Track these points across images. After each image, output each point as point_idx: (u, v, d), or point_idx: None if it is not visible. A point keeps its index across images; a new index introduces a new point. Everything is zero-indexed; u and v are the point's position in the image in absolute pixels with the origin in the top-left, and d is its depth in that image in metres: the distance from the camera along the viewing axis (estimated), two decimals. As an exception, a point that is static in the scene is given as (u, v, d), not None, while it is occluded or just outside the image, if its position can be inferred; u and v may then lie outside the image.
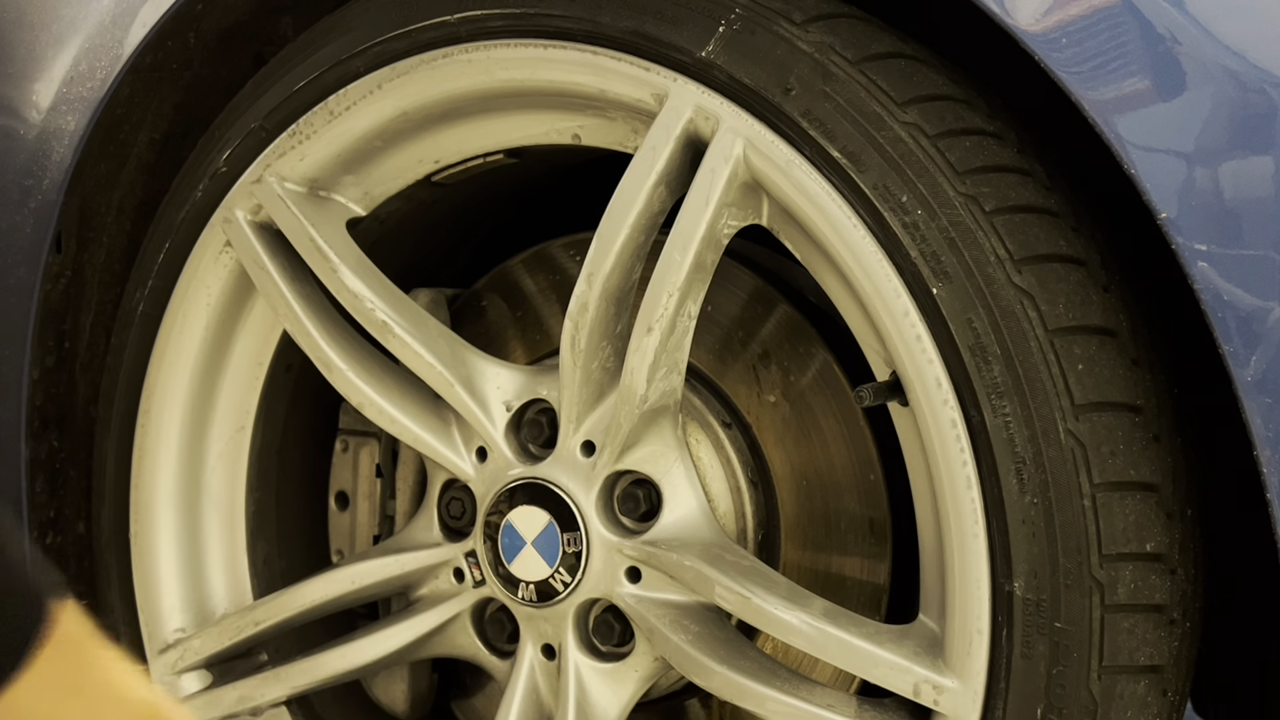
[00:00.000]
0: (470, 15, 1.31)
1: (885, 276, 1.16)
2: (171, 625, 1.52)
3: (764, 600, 1.24)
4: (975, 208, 1.14)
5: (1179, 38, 1.06)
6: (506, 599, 1.37)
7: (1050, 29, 1.09)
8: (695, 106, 1.22)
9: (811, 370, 1.39)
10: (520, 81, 1.31)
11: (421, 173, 1.43)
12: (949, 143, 1.16)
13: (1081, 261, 1.16)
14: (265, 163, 1.42)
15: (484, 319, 1.56)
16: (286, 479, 1.58)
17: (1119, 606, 1.12)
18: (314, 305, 1.43)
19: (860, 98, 1.17)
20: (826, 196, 1.18)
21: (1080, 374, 1.12)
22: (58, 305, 1.56)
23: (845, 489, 1.38)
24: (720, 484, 1.39)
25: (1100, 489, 1.11)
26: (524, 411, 1.38)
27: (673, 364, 1.27)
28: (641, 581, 1.31)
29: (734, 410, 1.41)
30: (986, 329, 1.13)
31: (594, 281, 1.27)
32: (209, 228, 1.46)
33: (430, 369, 1.38)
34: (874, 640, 1.20)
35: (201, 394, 1.52)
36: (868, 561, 1.38)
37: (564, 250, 1.53)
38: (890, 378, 1.20)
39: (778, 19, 1.20)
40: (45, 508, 1.59)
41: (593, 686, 1.34)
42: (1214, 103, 1.06)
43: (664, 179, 1.24)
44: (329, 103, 1.39)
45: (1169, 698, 1.17)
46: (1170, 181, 1.06)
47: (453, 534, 1.44)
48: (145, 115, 1.54)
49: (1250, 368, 1.05)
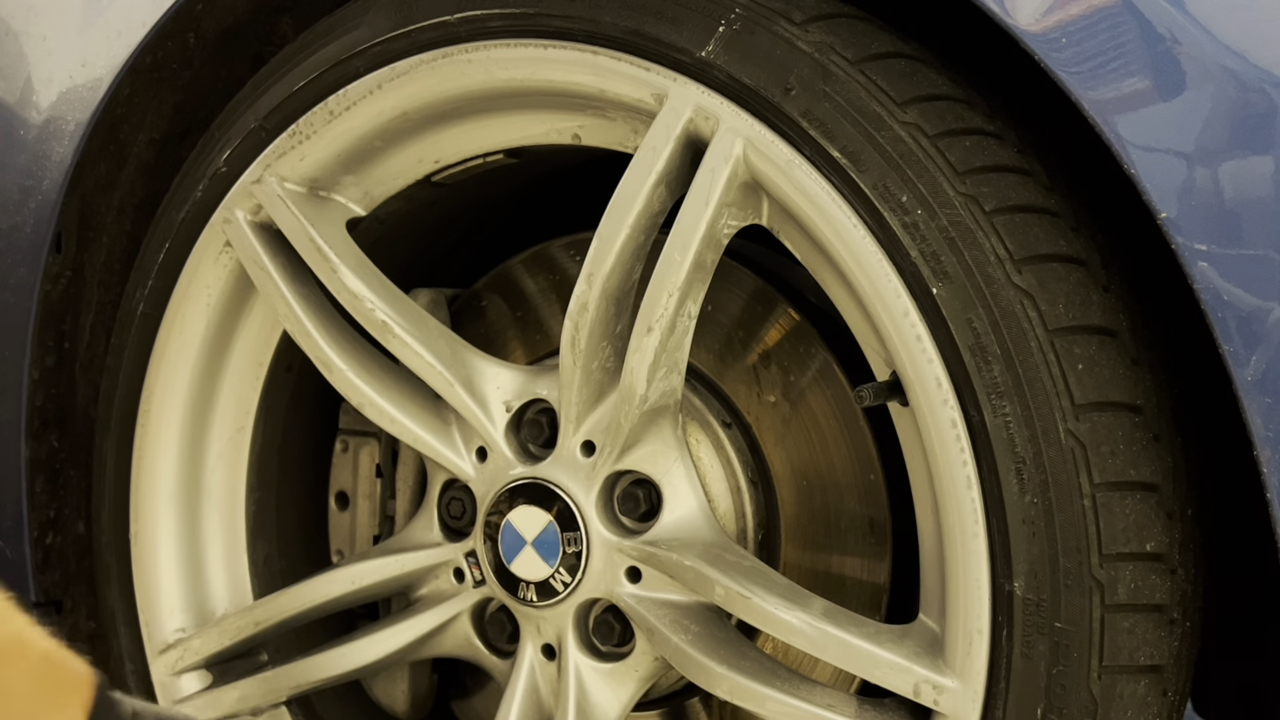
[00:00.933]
0: (470, 15, 1.31)
1: (885, 276, 1.16)
2: (172, 625, 1.52)
3: (764, 600, 1.24)
4: (975, 207, 1.14)
5: (1179, 37, 1.06)
6: (506, 599, 1.37)
7: (1050, 29, 1.09)
8: (695, 106, 1.22)
9: (811, 370, 1.39)
10: (520, 81, 1.31)
11: (421, 173, 1.43)
12: (949, 142, 1.16)
13: (1081, 261, 1.16)
14: (265, 163, 1.42)
15: (484, 319, 1.56)
16: (286, 479, 1.58)
17: (1119, 606, 1.12)
18: (314, 305, 1.43)
19: (860, 97, 1.17)
20: (826, 196, 1.18)
21: (1080, 374, 1.12)
22: (58, 305, 1.56)
23: (845, 489, 1.38)
24: (720, 484, 1.39)
25: (1100, 489, 1.11)
26: (524, 411, 1.38)
27: (673, 364, 1.27)
28: (641, 581, 1.31)
29: (734, 410, 1.41)
30: (986, 329, 1.13)
31: (594, 281, 1.27)
32: (209, 228, 1.46)
33: (430, 369, 1.38)
34: (874, 640, 1.20)
35: (201, 394, 1.51)
36: (868, 561, 1.38)
37: (564, 250, 1.53)
38: (890, 378, 1.20)
39: (777, 19, 1.20)
40: (45, 508, 1.59)
41: (593, 686, 1.34)
42: (1214, 102, 1.06)
43: (664, 179, 1.24)
44: (329, 103, 1.39)
45: (1169, 697, 1.17)
46: (1170, 181, 1.06)
47: (453, 534, 1.44)
48: (145, 115, 1.54)
49: (1250, 367, 1.05)
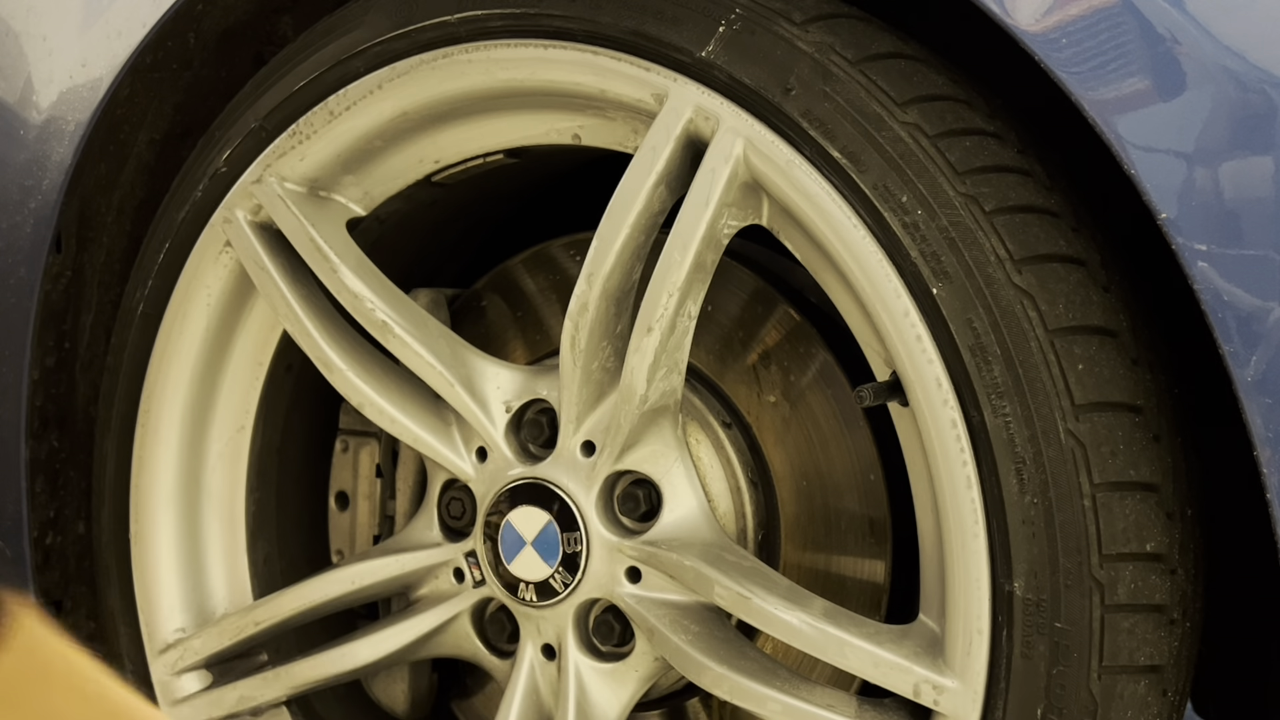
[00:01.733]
0: (470, 15, 1.31)
1: (885, 276, 1.16)
2: (172, 625, 1.52)
3: (764, 600, 1.24)
4: (975, 208, 1.14)
5: (1179, 38, 1.06)
6: (506, 599, 1.37)
7: (1050, 29, 1.09)
8: (695, 106, 1.22)
9: (811, 370, 1.39)
10: (520, 81, 1.31)
11: (422, 173, 1.43)
12: (949, 143, 1.16)
13: (1082, 261, 1.16)
14: (265, 163, 1.42)
15: (484, 319, 1.56)
16: (286, 479, 1.58)
17: (1119, 606, 1.12)
18: (314, 305, 1.43)
19: (860, 98, 1.17)
20: (826, 197, 1.18)
21: (1080, 374, 1.12)
22: (58, 305, 1.56)
23: (845, 489, 1.38)
24: (720, 484, 1.39)
25: (1100, 489, 1.11)
26: (524, 411, 1.38)
27: (673, 364, 1.27)
28: (641, 581, 1.31)
29: (734, 410, 1.41)
30: (986, 329, 1.13)
31: (594, 281, 1.27)
32: (209, 228, 1.46)
33: (430, 369, 1.38)
34: (874, 640, 1.20)
35: (201, 394, 1.51)
36: (868, 561, 1.38)
37: (564, 250, 1.53)
38: (890, 378, 1.20)
39: (778, 19, 1.20)
40: (45, 508, 1.59)
41: (593, 686, 1.34)
42: (1214, 103, 1.06)
43: (664, 179, 1.24)
44: (329, 103, 1.39)
45: (1169, 698, 1.17)
46: (1170, 181, 1.06)
47: (453, 534, 1.44)
48: (145, 115, 1.54)
49: (1250, 368, 1.05)
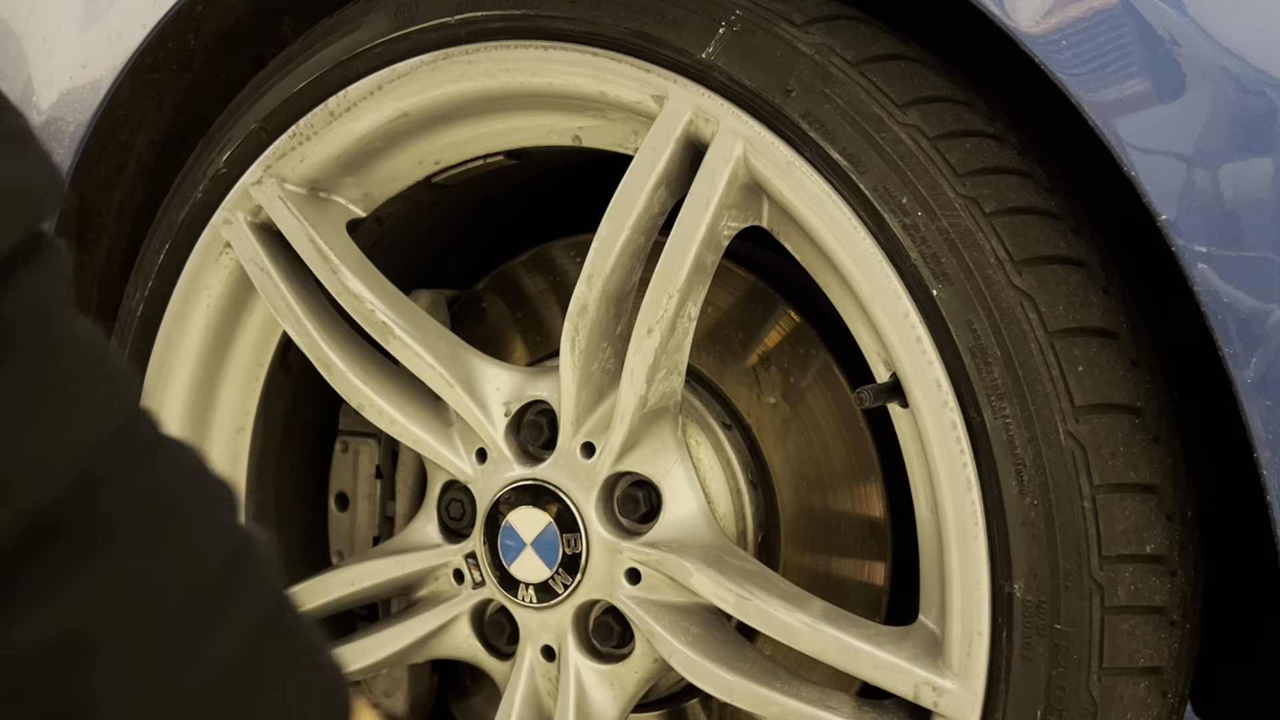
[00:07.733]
0: (470, 17, 1.31)
1: (885, 278, 1.16)
2: (171, 626, 1.52)
3: (764, 602, 1.24)
4: (975, 209, 1.14)
5: (1178, 40, 1.06)
6: (506, 600, 1.37)
7: (1050, 31, 1.09)
8: (695, 108, 1.22)
9: (811, 372, 1.39)
10: (520, 83, 1.31)
11: (421, 174, 1.43)
12: (949, 144, 1.16)
13: (1081, 263, 1.16)
14: (265, 164, 1.42)
15: (484, 320, 1.56)
16: (286, 480, 1.58)
17: (1119, 608, 1.12)
18: (314, 306, 1.43)
19: (860, 99, 1.17)
20: (826, 198, 1.18)
21: (1080, 376, 1.12)
22: (58, 306, 1.55)
23: (845, 490, 1.38)
24: (720, 485, 1.39)
25: (1100, 491, 1.11)
26: (524, 413, 1.38)
27: (673, 365, 1.27)
28: (641, 583, 1.31)
29: (734, 412, 1.41)
30: (987, 331, 1.13)
31: (594, 283, 1.27)
32: (209, 229, 1.46)
33: (430, 370, 1.38)
34: (874, 642, 1.20)
35: (201, 395, 1.51)
36: (867, 563, 1.38)
37: (564, 251, 1.53)
38: (890, 379, 1.20)
39: (778, 21, 1.20)
40: (45, 509, 1.58)
41: (592, 688, 1.34)
42: (1214, 105, 1.06)
43: (664, 180, 1.24)
44: (329, 104, 1.38)
45: (1169, 699, 1.17)
46: (1170, 183, 1.06)
47: (452, 535, 1.44)
48: (145, 116, 1.54)
49: (1250, 370, 1.05)
